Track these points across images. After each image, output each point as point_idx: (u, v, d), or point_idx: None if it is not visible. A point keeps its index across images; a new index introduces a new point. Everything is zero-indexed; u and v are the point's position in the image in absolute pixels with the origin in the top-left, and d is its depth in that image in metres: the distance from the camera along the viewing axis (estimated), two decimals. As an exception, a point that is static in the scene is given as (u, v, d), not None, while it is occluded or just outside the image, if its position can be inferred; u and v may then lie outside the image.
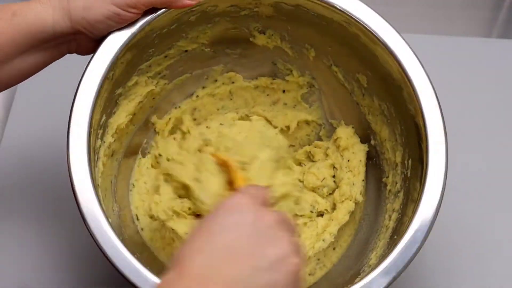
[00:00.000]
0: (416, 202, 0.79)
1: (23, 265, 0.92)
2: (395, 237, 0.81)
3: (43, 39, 0.77)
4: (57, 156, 0.97)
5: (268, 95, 0.99)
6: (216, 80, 0.97)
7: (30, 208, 0.96)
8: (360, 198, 0.92)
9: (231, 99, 0.99)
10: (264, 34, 0.93)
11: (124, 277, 0.73)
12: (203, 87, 0.97)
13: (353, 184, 0.92)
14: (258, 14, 0.90)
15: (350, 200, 0.91)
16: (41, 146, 1.00)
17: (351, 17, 0.84)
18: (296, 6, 0.87)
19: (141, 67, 0.88)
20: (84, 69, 0.79)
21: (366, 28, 0.84)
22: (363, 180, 0.93)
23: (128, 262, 0.73)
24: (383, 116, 0.91)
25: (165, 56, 0.91)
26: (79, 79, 0.79)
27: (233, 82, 0.98)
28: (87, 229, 0.74)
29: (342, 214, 0.91)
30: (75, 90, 0.83)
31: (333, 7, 0.84)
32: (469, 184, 1.00)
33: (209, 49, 0.94)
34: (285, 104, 0.99)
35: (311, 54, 0.94)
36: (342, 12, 0.84)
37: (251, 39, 0.94)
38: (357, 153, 0.94)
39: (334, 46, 0.91)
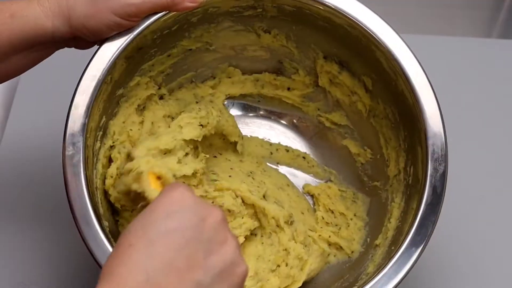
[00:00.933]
0: (413, 215, 0.78)
1: (22, 264, 0.92)
2: (392, 248, 0.80)
3: (41, 42, 0.77)
4: (58, 156, 0.98)
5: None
6: (214, 78, 0.96)
7: (30, 207, 0.96)
8: None
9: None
10: (269, 33, 0.92)
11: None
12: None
13: None
14: (262, 14, 0.89)
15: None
16: (41, 146, 1.00)
17: (353, 20, 0.82)
18: (298, 8, 0.85)
19: (143, 67, 0.88)
20: (81, 75, 0.79)
21: (369, 33, 0.82)
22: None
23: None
24: (387, 120, 0.89)
25: (168, 55, 0.90)
26: (77, 81, 0.79)
27: (229, 77, 0.97)
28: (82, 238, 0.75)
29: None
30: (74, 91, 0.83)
31: (334, 10, 0.83)
32: (469, 185, 0.99)
33: (214, 47, 0.93)
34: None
35: (317, 54, 0.92)
36: (344, 16, 0.83)
37: (256, 38, 0.93)
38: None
39: (340, 47, 0.90)
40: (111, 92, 0.84)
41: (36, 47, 0.78)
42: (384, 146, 0.91)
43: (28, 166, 0.99)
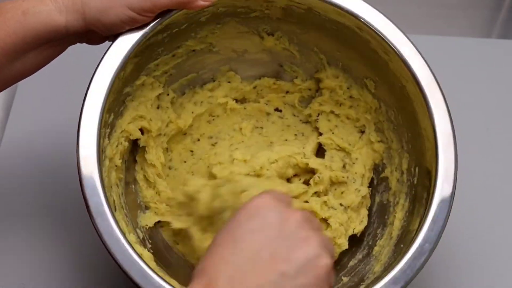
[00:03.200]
0: (424, 212, 0.79)
1: (22, 265, 0.91)
2: (401, 245, 0.81)
3: (54, 38, 0.76)
4: (58, 156, 0.97)
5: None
6: (214, 80, 0.97)
7: (30, 208, 0.95)
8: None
9: None
10: (273, 36, 0.93)
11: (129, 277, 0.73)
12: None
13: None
14: (269, 16, 0.89)
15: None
16: (42, 146, 0.98)
17: (363, 22, 0.83)
18: (308, 9, 0.86)
19: (149, 66, 0.88)
20: (96, 68, 0.78)
21: (378, 35, 0.83)
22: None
23: (137, 265, 0.73)
24: (389, 123, 0.91)
25: (173, 55, 0.90)
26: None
27: (229, 82, 0.97)
28: (96, 230, 0.74)
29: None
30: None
31: (345, 11, 0.83)
32: (471, 186, 0.99)
33: (216, 48, 0.93)
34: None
35: (319, 57, 0.93)
36: (355, 17, 0.83)
37: (259, 40, 0.93)
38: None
39: (343, 50, 0.91)
40: (120, 89, 0.83)
41: (50, 44, 0.77)
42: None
43: (29, 166, 0.97)
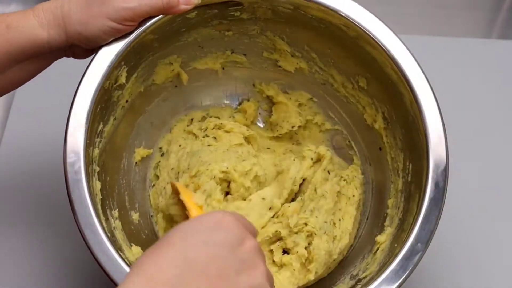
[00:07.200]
0: (416, 211, 0.78)
1: (20, 268, 0.92)
2: (395, 245, 0.80)
3: (38, 52, 0.77)
4: (58, 157, 0.96)
5: None
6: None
7: (29, 210, 0.96)
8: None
9: None
10: (263, 35, 0.92)
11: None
12: None
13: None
14: (256, 17, 0.89)
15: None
16: (41, 147, 0.99)
17: (349, 20, 0.83)
18: (293, 9, 0.86)
19: (138, 69, 0.88)
20: (80, 80, 0.79)
21: (364, 31, 0.83)
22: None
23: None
24: (382, 119, 0.90)
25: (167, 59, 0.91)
26: (77, 83, 0.79)
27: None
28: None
29: None
30: (73, 91, 0.82)
31: (330, 10, 0.83)
32: (468, 187, 0.99)
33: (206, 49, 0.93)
34: None
35: (311, 55, 0.93)
36: (340, 16, 0.83)
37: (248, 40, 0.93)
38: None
39: (334, 48, 0.90)
40: (108, 98, 0.83)
41: (34, 59, 0.78)
42: None
43: (28, 167, 0.98)
